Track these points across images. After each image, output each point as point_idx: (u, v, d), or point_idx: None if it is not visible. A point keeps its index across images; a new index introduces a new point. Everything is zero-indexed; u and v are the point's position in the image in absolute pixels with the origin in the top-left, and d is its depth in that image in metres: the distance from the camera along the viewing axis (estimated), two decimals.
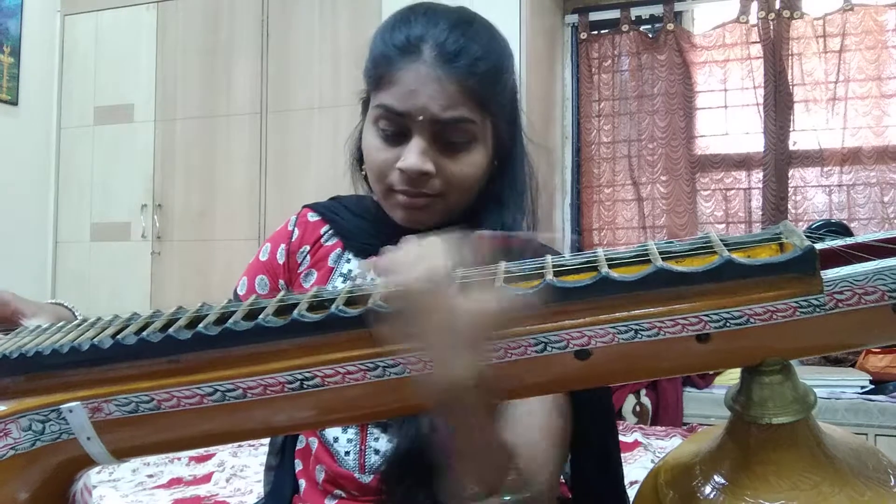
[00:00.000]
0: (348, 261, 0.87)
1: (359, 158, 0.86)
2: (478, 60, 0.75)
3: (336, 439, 0.80)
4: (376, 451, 0.78)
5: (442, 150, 0.75)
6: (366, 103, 0.82)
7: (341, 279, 0.85)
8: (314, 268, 0.88)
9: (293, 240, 0.90)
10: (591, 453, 0.77)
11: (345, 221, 0.89)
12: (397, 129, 0.76)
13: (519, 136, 0.84)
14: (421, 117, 0.74)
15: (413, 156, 0.74)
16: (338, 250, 0.87)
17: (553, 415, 0.67)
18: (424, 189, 0.76)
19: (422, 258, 0.50)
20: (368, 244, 0.84)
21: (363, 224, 0.87)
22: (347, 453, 0.79)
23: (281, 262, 0.89)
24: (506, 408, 0.63)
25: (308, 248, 0.89)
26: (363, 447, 0.79)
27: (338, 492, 0.80)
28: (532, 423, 0.65)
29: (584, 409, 0.72)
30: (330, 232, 0.89)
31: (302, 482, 0.85)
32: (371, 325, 0.50)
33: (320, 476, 0.81)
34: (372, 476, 0.78)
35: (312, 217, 0.91)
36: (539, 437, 0.64)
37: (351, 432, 0.80)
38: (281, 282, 0.89)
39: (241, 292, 0.90)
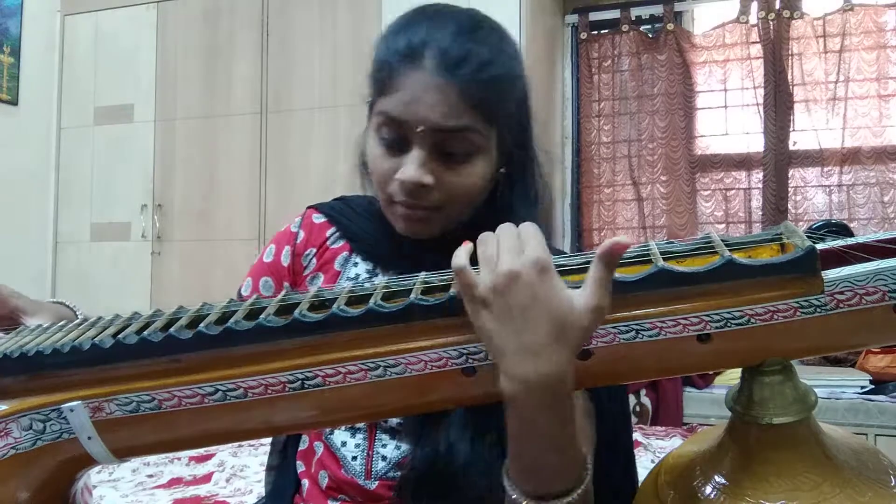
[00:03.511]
0: (356, 264, 0.84)
1: (364, 161, 0.83)
2: (483, 67, 0.71)
3: (344, 444, 0.78)
4: (383, 458, 0.77)
5: (442, 161, 0.72)
6: (371, 106, 0.80)
7: (349, 283, 0.83)
8: (320, 270, 0.85)
9: (298, 241, 0.87)
10: (611, 453, 0.75)
11: (352, 224, 0.86)
12: (397, 138, 0.73)
13: (529, 144, 0.81)
14: (421, 127, 0.70)
15: (411, 168, 0.71)
16: (345, 253, 0.85)
17: (582, 415, 0.65)
18: (423, 202, 0.73)
19: (524, 245, 0.49)
20: (377, 247, 0.83)
21: (371, 226, 0.84)
22: (354, 458, 0.78)
23: (286, 264, 0.87)
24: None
25: (314, 250, 0.86)
26: (370, 452, 0.77)
27: (341, 496, 0.79)
28: None
29: (604, 410, 0.71)
30: (336, 234, 0.86)
31: (305, 482, 0.83)
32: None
33: (323, 482, 0.80)
34: (377, 482, 0.76)
35: (318, 218, 0.88)
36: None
37: (359, 437, 0.78)
38: (286, 284, 0.86)
39: (244, 293, 0.88)
